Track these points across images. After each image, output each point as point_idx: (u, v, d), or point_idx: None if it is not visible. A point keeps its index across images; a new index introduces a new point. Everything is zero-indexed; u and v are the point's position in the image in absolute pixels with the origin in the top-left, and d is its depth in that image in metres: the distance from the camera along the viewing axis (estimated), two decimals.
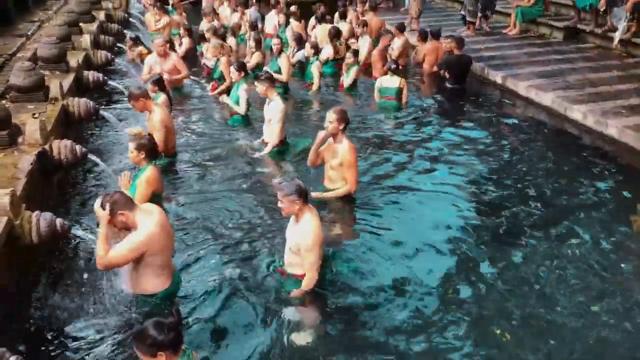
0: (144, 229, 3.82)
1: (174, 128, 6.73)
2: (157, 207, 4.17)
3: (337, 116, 5.40)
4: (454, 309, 4.29)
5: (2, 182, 4.45)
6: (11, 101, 6.15)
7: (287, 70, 9.05)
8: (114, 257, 3.77)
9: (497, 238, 5.22)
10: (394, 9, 15.48)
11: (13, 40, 8.64)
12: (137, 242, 3.78)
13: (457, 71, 9.44)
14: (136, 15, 14.48)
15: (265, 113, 6.91)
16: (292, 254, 4.26)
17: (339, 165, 5.53)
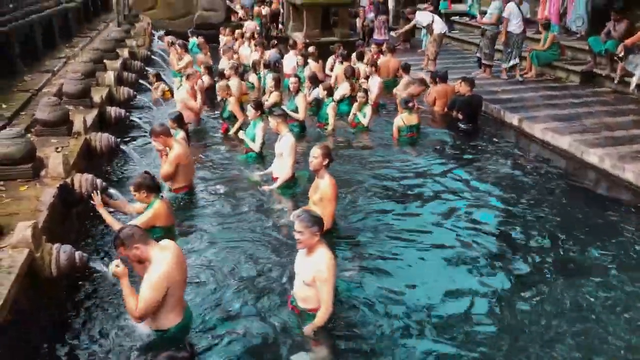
0: (161, 266, 3.87)
1: (192, 165, 6.80)
2: (172, 242, 4.23)
3: (321, 152, 5.53)
4: (470, 349, 4.25)
5: (24, 214, 4.55)
6: (36, 135, 6.32)
7: (303, 109, 9.19)
8: (144, 305, 3.82)
9: (508, 283, 5.15)
10: (411, 51, 15.70)
11: (40, 76, 8.92)
12: (160, 278, 3.83)
13: (469, 111, 9.60)
14: (159, 53, 14.86)
15: (276, 148, 7.01)
16: (306, 287, 4.25)
17: (320, 200, 5.58)
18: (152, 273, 3.86)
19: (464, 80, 9.77)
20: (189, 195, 6.70)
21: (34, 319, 4.04)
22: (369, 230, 6.10)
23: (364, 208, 6.62)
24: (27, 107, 7.43)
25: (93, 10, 16.43)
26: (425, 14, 13.63)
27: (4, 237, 4.13)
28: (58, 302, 4.59)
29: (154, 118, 9.61)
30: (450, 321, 4.59)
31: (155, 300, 3.86)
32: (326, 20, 15.81)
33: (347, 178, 7.45)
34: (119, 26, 14.45)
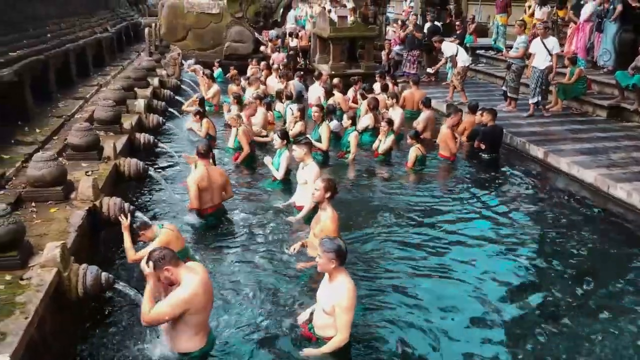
0: (188, 287, 3.93)
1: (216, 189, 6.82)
2: (201, 265, 4.29)
3: (323, 184, 5.56)
4: None
5: (54, 235, 4.66)
6: (67, 159, 6.49)
7: (327, 139, 9.27)
8: (156, 314, 3.88)
9: (533, 320, 5.06)
10: (436, 83, 15.78)
11: (73, 102, 9.18)
12: (181, 299, 3.88)
13: (491, 141, 9.66)
14: (188, 82, 15.19)
15: (300, 177, 7.08)
16: (326, 315, 4.25)
17: (320, 232, 5.51)
18: (177, 293, 3.92)
19: (486, 111, 9.83)
20: (215, 218, 6.76)
21: (59, 338, 4.09)
22: (385, 258, 6.11)
23: (382, 236, 6.63)
24: (59, 132, 7.64)
25: (125, 40, 16.92)
26: (451, 45, 13.76)
27: (33, 257, 4.22)
28: (82, 321, 4.66)
29: (182, 146, 9.83)
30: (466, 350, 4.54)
31: (168, 315, 3.92)
32: (352, 53, 16.03)
33: (366, 206, 7.49)
34: (150, 56, 14.83)
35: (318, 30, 16.58)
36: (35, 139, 7.01)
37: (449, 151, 9.48)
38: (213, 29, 19.00)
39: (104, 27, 14.37)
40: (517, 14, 16.41)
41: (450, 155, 9.49)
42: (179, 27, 18.91)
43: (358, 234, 6.64)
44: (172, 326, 4.07)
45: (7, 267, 4.03)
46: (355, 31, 15.71)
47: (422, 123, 10.61)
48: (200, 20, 18.93)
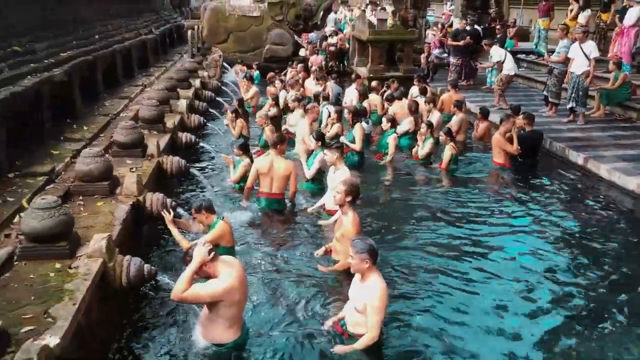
0: (226, 279, 4.06)
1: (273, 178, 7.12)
2: (237, 260, 4.43)
3: (344, 188, 5.48)
4: None
5: (100, 227, 4.88)
6: (113, 155, 6.74)
7: (360, 140, 9.33)
8: (189, 294, 3.99)
9: (575, 330, 4.98)
10: (474, 87, 15.66)
11: (119, 101, 9.51)
12: (217, 289, 4.02)
13: (529, 147, 9.56)
14: (228, 83, 15.48)
15: (331, 181, 7.07)
16: (357, 313, 4.34)
17: (341, 237, 5.51)
18: (214, 282, 4.06)
19: (524, 116, 9.77)
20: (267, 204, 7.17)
21: (103, 326, 4.29)
22: (420, 260, 6.12)
23: (416, 239, 6.66)
24: (105, 129, 7.93)
25: (169, 42, 17.35)
26: (500, 51, 13.56)
27: (81, 247, 4.44)
28: (125, 311, 4.87)
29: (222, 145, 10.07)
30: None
31: (200, 299, 4.09)
32: (391, 56, 16.06)
33: (402, 209, 7.54)
34: (192, 58, 15.18)
35: (357, 33, 16.67)
36: (83, 136, 7.30)
37: (503, 158, 9.27)
38: (254, 31, 19.29)
39: (148, 29, 14.80)
40: (560, 18, 16.15)
41: (504, 162, 9.28)
42: (220, 29, 19.27)
43: (392, 236, 6.69)
44: (207, 318, 4.22)
45: (57, 256, 4.25)
46: (394, 34, 15.73)
47: (456, 126, 10.58)
48: (241, 23, 19.26)
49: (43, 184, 5.68)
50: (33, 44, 7.80)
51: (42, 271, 4.09)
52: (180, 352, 4.40)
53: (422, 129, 9.56)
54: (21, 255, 4.27)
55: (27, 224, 4.24)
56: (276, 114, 12.02)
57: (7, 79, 6.32)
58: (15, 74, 6.58)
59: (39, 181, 5.71)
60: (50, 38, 8.56)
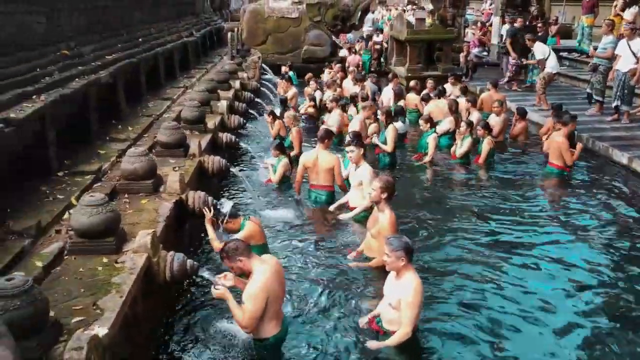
0: (260, 278, 4.15)
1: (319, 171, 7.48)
2: (272, 256, 4.54)
3: (380, 185, 5.51)
4: None
5: (144, 224, 5.04)
6: (156, 155, 6.92)
7: (391, 140, 9.31)
8: (248, 317, 4.11)
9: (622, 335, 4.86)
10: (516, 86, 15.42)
11: (161, 103, 9.75)
12: (258, 292, 4.11)
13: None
14: (266, 84, 15.66)
15: (353, 178, 7.14)
16: (392, 309, 4.37)
17: (377, 234, 5.54)
18: (252, 284, 4.15)
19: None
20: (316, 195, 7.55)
21: (148, 319, 4.44)
22: (457, 262, 6.09)
23: (456, 239, 6.62)
24: (149, 130, 8.15)
25: (209, 44, 17.64)
26: (543, 48, 13.30)
27: (127, 243, 4.60)
28: (169, 305, 5.02)
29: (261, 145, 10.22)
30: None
31: (257, 310, 4.13)
32: (429, 55, 15.97)
33: (440, 208, 7.52)
34: (231, 59, 15.41)
35: (395, 32, 16.64)
36: (127, 136, 7.53)
37: (562, 161, 8.82)
38: (292, 33, 19.44)
39: (189, 31, 15.08)
40: (604, 15, 15.78)
41: (564, 165, 8.84)
42: (259, 31, 19.48)
43: (428, 235, 6.69)
44: None
45: (105, 251, 4.41)
46: (432, 33, 15.66)
47: (498, 126, 10.48)
48: (280, 25, 19.43)
49: (90, 182, 5.89)
50: (80, 47, 8.08)
51: (90, 265, 4.25)
52: (222, 347, 4.52)
53: (462, 128, 9.51)
54: (71, 250, 4.45)
55: (76, 220, 4.41)
56: (314, 114, 12.14)
57: (56, 81, 6.58)
58: (65, 76, 6.84)
59: (86, 179, 5.93)
60: (96, 41, 8.86)
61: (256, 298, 4.12)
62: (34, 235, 4.64)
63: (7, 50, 6.26)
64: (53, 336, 3.27)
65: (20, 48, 6.56)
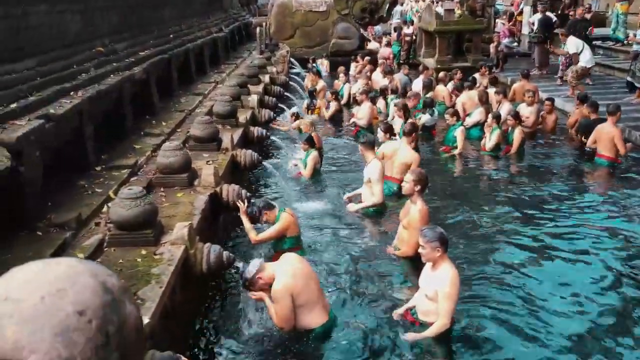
0: (279, 280, 4.28)
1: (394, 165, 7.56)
2: (291, 254, 4.69)
3: (413, 177, 5.57)
4: None
5: (181, 216, 5.12)
6: (190, 149, 7.02)
7: None
8: (281, 317, 4.28)
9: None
10: (548, 76, 15.18)
11: (193, 98, 9.86)
12: (280, 293, 4.24)
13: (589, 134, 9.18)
14: (295, 78, 15.71)
15: (364, 174, 7.13)
16: (429, 301, 4.37)
17: (408, 225, 5.56)
18: (273, 288, 4.28)
19: (588, 104, 9.55)
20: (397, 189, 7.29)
21: (186, 309, 4.53)
22: (493, 253, 6.05)
23: (488, 232, 6.58)
24: (182, 125, 8.26)
25: (238, 39, 17.75)
26: (577, 42, 12.99)
27: (164, 235, 4.69)
28: (205, 296, 5.10)
29: (291, 138, 10.26)
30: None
31: (284, 309, 4.24)
32: (459, 46, 15.81)
33: (470, 201, 7.47)
34: (260, 54, 15.48)
35: (424, 24, 16.51)
36: (161, 131, 7.65)
37: (615, 152, 8.65)
38: (320, 26, 19.45)
39: (219, 27, 15.21)
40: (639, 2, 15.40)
41: (615, 156, 8.66)
42: (287, 25, 19.54)
43: (460, 227, 6.65)
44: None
45: (143, 243, 4.50)
46: (462, 24, 15.50)
47: (533, 116, 10.34)
48: (307, 18, 19.45)
49: (127, 176, 6.00)
50: (114, 44, 8.23)
51: (129, 257, 4.35)
52: (258, 338, 4.55)
53: (489, 121, 9.41)
54: (110, 242, 4.55)
55: (115, 213, 4.51)
56: (337, 108, 12.13)
57: (92, 78, 6.71)
58: (100, 73, 6.98)
59: (123, 174, 6.04)
60: (129, 38, 9.00)
61: (280, 300, 4.25)
62: (74, 228, 4.75)
63: (45, 49, 6.41)
64: None
65: (57, 46, 6.72)
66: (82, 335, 1.09)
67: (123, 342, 1.17)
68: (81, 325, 1.10)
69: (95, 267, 1.25)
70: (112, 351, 1.14)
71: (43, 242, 4.45)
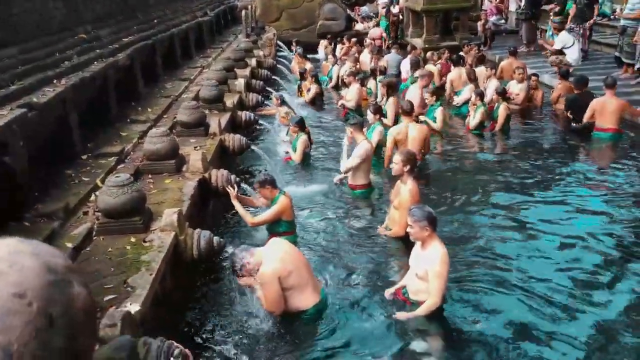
0: (265, 265, 4.28)
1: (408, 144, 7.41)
2: (277, 239, 4.71)
3: (401, 158, 5.59)
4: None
5: (169, 203, 5.09)
6: (177, 135, 6.95)
7: (392, 113, 9.23)
8: (271, 303, 4.30)
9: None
10: (535, 53, 15.14)
11: (179, 83, 9.77)
12: (266, 277, 4.24)
13: (578, 109, 9.24)
14: (282, 62, 15.59)
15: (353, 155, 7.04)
16: (419, 280, 4.39)
17: (398, 205, 5.56)
18: (260, 273, 4.28)
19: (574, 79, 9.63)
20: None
21: (176, 295, 4.51)
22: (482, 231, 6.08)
23: (477, 210, 6.60)
24: (168, 110, 8.18)
25: (224, 23, 17.57)
26: (567, 37, 12.77)
27: (153, 222, 4.66)
28: (196, 281, 5.09)
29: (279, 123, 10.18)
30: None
31: (272, 293, 4.25)
32: (446, 25, 15.72)
33: (457, 180, 7.51)
34: (247, 37, 15.34)
35: (410, 3, 16.38)
36: (147, 118, 7.57)
37: (618, 123, 8.69)
38: (306, 8, 19.27)
39: (203, 11, 15.04)
40: None
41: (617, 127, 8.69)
42: (273, 8, 19.34)
43: (447, 206, 6.66)
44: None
45: (132, 231, 4.47)
46: (448, 3, 15.37)
47: (523, 93, 10.34)
48: (293, 0, 19.26)
49: (114, 164, 5.95)
50: (97, 31, 8.10)
51: (119, 245, 4.32)
52: (256, 321, 4.53)
53: (473, 98, 9.36)
54: (99, 230, 4.52)
55: (103, 201, 4.47)
56: (317, 91, 12.04)
57: (76, 65, 6.62)
58: (83, 60, 6.87)
59: (110, 161, 5.99)
60: (113, 24, 8.87)
61: (267, 284, 4.25)
62: (62, 218, 4.72)
63: (27, 36, 6.30)
64: None
65: (40, 34, 6.60)
66: (21, 319, 1.04)
67: (70, 324, 1.12)
68: (20, 308, 1.05)
69: (39, 246, 1.18)
70: (56, 334, 1.08)
71: (31, 233, 4.40)
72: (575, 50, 12.60)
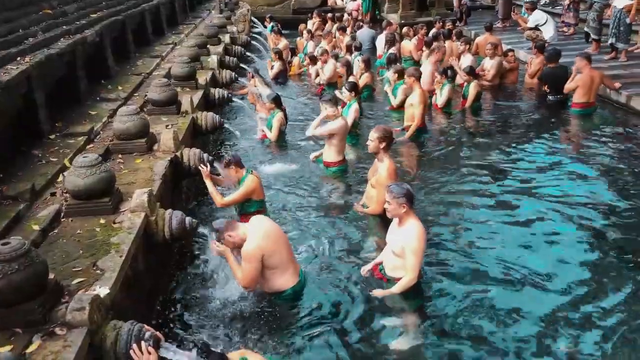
0: (250, 241, 4.22)
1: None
2: (262, 216, 4.63)
3: (377, 135, 5.47)
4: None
5: (140, 183, 4.98)
6: (148, 113, 6.81)
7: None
8: (246, 276, 4.23)
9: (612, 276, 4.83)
10: (510, 29, 15.15)
11: (150, 60, 9.55)
12: (252, 250, 4.19)
13: (554, 83, 9.39)
14: (257, 37, 15.34)
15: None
16: (396, 257, 4.38)
17: (377, 183, 5.52)
18: (244, 248, 4.22)
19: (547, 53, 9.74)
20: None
21: (149, 276, 4.44)
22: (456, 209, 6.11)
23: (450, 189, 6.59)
24: (139, 88, 8.00)
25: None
26: (540, 15, 12.89)
27: (123, 203, 4.55)
28: (169, 262, 5.02)
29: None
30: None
31: (252, 270, 4.19)
32: (422, 1, 15.63)
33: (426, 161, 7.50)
34: (220, 13, 15.05)
35: None
36: (118, 96, 7.39)
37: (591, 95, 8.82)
38: None
39: None
40: None
41: (589, 100, 8.83)
42: None
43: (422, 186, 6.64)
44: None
45: (101, 212, 4.37)
46: None
47: (493, 69, 10.34)
48: None
49: (83, 144, 5.81)
50: (63, 6, 7.85)
51: (88, 227, 4.22)
52: (233, 302, 4.49)
53: (437, 77, 9.23)
54: (67, 212, 4.40)
55: (71, 182, 4.35)
56: (281, 68, 11.88)
57: (41, 42, 6.40)
58: (49, 37, 6.65)
59: (79, 141, 5.84)
60: (80, 0, 8.60)
61: (249, 260, 4.19)
62: (28, 200, 4.59)
63: None
64: (54, 298, 3.25)
65: (1, 9, 6.36)
66: None
67: None
68: None
69: None
70: None
71: None
72: (550, 28, 12.63)
